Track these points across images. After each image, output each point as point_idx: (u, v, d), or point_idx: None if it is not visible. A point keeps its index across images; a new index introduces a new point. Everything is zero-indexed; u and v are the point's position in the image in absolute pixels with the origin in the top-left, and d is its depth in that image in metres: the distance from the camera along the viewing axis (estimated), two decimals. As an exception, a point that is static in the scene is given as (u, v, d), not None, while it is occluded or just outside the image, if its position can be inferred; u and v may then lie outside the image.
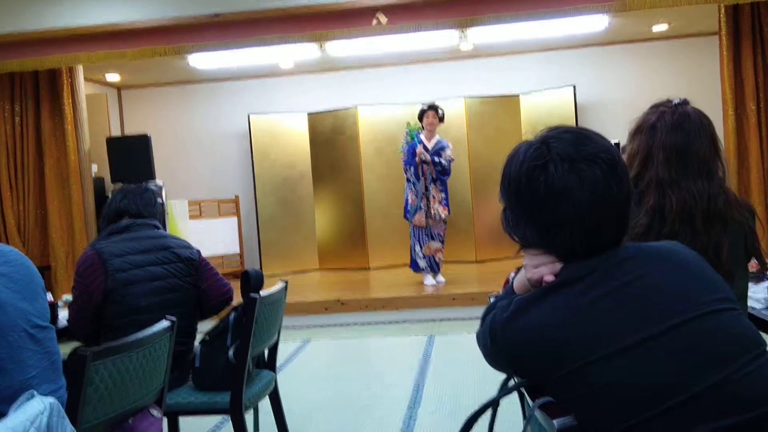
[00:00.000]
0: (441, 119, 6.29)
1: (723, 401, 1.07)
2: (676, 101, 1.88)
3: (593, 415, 1.09)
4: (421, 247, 6.25)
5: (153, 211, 2.74)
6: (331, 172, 7.95)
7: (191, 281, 2.67)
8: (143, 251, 2.57)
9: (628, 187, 1.22)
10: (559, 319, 1.14)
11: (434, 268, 6.30)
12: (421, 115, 6.26)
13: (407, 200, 6.30)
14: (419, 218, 6.19)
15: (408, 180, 6.29)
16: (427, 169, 6.19)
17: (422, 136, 6.27)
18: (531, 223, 1.22)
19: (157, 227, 2.72)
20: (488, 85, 7.88)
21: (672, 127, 1.81)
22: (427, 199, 6.21)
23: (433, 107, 6.25)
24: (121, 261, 2.51)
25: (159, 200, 2.80)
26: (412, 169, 6.21)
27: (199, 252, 2.76)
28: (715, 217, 1.74)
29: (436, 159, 6.16)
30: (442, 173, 6.22)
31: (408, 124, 6.45)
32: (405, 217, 6.34)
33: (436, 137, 6.28)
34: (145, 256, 2.57)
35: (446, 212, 6.30)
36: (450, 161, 6.24)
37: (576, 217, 1.17)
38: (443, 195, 6.28)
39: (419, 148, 6.14)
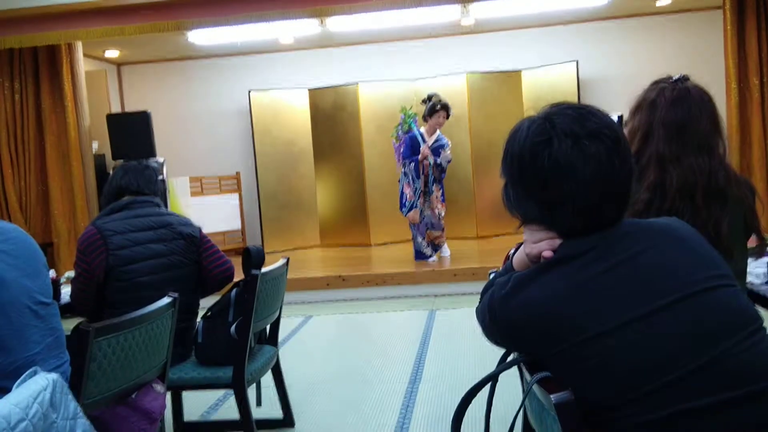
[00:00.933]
0: (448, 118, 6.21)
1: (721, 376, 1.08)
2: (676, 77, 1.87)
3: (591, 390, 1.10)
4: (423, 237, 6.29)
5: (154, 188, 2.75)
6: (332, 148, 7.93)
7: (192, 258, 2.68)
8: (144, 228, 2.58)
9: (630, 164, 1.22)
10: (557, 296, 1.15)
11: (435, 248, 6.37)
12: (432, 110, 6.09)
13: (403, 194, 6.24)
14: (414, 215, 6.16)
15: (405, 174, 6.20)
16: (429, 167, 6.15)
17: (423, 131, 6.21)
18: (532, 199, 1.22)
19: (158, 205, 2.73)
20: (490, 60, 7.82)
21: (672, 103, 1.81)
22: (427, 199, 6.20)
23: (446, 107, 6.10)
24: (121, 238, 2.52)
25: (160, 177, 2.81)
26: (413, 165, 6.13)
27: (200, 229, 2.76)
28: (716, 193, 1.74)
29: (439, 160, 6.13)
30: (441, 172, 6.23)
31: (403, 108, 6.35)
32: (401, 210, 6.30)
33: (437, 133, 6.21)
34: (146, 233, 2.58)
35: (444, 209, 6.34)
36: (449, 161, 6.21)
37: (578, 194, 1.17)
38: (441, 191, 6.30)
39: (425, 149, 6.06)
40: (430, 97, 6.19)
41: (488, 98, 7.62)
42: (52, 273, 2.72)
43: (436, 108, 6.09)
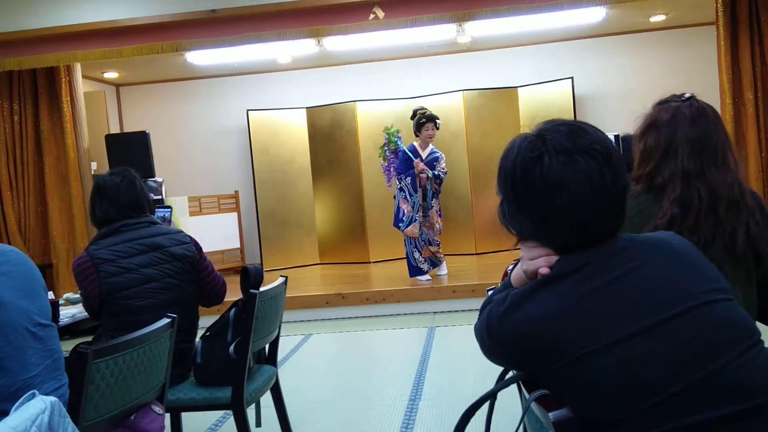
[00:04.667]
0: (437, 128, 6.20)
1: (718, 391, 1.08)
2: (687, 95, 1.91)
3: (589, 407, 1.10)
4: (420, 253, 6.21)
5: (139, 206, 2.65)
6: (331, 166, 7.96)
7: (188, 278, 2.66)
8: (134, 254, 2.55)
9: (623, 179, 1.23)
10: (553, 312, 1.15)
11: (436, 263, 6.29)
12: (419, 125, 6.12)
13: (399, 210, 6.18)
14: (413, 229, 6.10)
15: (401, 189, 6.16)
16: (427, 181, 6.14)
17: (416, 145, 6.22)
18: (526, 215, 1.23)
19: (152, 223, 2.67)
20: (486, 78, 7.87)
21: (692, 120, 1.86)
22: (427, 214, 6.17)
23: (431, 119, 6.11)
24: (112, 266, 2.51)
25: (138, 184, 2.70)
26: (410, 180, 6.10)
27: (197, 248, 2.72)
28: (733, 203, 1.78)
29: (437, 173, 6.12)
30: (439, 185, 6.20)
31: (386, 128, 6.25)
32: (396, 226, 6.22)
33: (430, 146, 6.21)
34: (138, 258, 2.55)
35: (441, 223, 6.30)
36: (445, 172, 6.20)
37: (571, 209, 1.18)
38: (439, 205, 6.28)
39: (418, 163, 6.05)
40: (415, 113, 6.21)
41: (485, 115, 7.66)
42: (50, 295, 2.72)
43: (421, 121, 6.11)
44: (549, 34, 7.46)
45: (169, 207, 3.27)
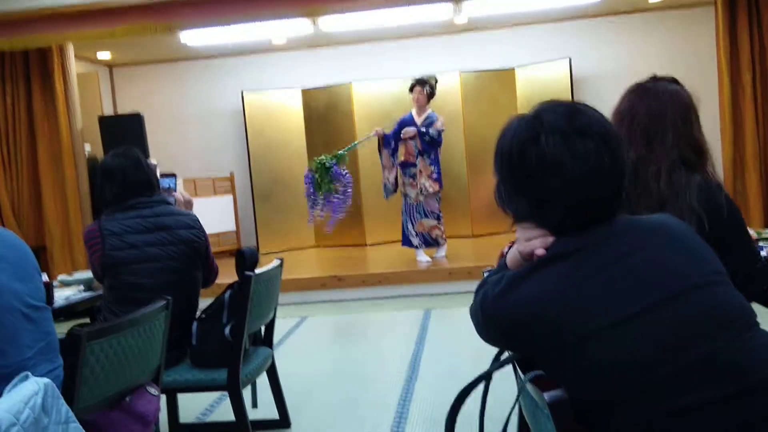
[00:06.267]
0: (430, 95, 6.11)
1: (714, 373, 1.07)
2: (655, 75, 1.92)
3: (584, 389, 1.10)
4: (413, 225, 6.14)
5: (150, 183, 2.65)
6: (326, 148, 7.87)
7: (191, 264, 2.66)
8: (142, 231, 2.56)
9: (622, 160, 1.22)
10: (549, 294, 1.14)
11: (429, 243, 6.21)
12: (411, 90, 6.14)
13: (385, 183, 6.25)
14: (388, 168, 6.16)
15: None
16: (413, 144, 6.09)
17: (413, 113, 6.18)
18: (523, 197, 1.22)
19: (165, 203, 2.67)
20: (483, 58, 7.82)
21: (625, 95, 1.90)
22: (411, 174, 6.13)
23: (421, 82, 6.08)
24: (117, 240, 2.52)
25: (144, 161, 2.66)
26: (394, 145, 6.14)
27: (203, 234, 2.71)
28: (641, 184, 1.77)
29: (423, 130, 6.04)
30: (430, 144, 6.05)
31: (321, 160, 5.83)
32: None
33: (428, 111, 6.14)
34: (144, 236, 2.56)
35: (437, 186, 6.09)
36: (440, 131, 6.06)
37: (567, 190, 1.16)
38: (433, 168, 6.09)
39: (408, 132, 6.03)
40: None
41: (482, 96, 7.62)
42: (44, 277, 2.72)
43: (412, 85, 6.11)
44: (546, 14, 7.40)
45: (173, 175, 3.24)
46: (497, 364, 1.27)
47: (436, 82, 6.20)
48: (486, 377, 1.25)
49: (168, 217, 2.64)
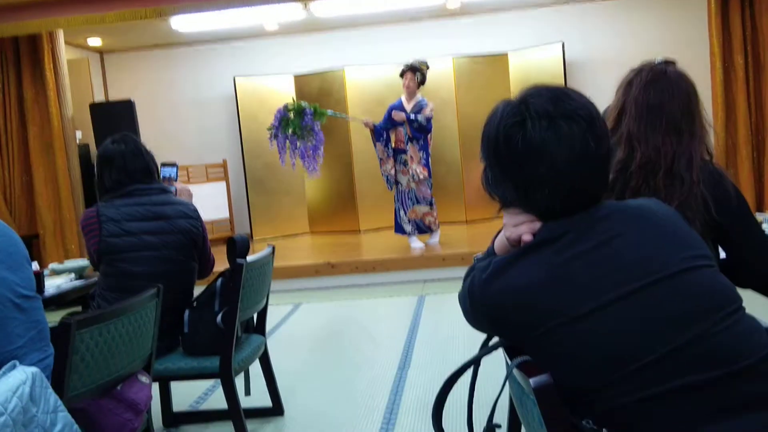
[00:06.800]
0: (421, 82, 6.07)
1: (699, 356, 1.08)
2: (659, 60, 1.88)
3: (569, 374, 1.10)
4: (405, 212, 6.14)
5: (149, 170, 2.65)
6: (320, 134, 7.88)
7: (187, 253, 2.65)
8: (140, 218, 2.56)
9: (607, 145, 1.22)
10: (535, 280, 1.14)
11: (423, 229, 6.21)
12: (402, 76, 6.09)
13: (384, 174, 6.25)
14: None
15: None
16: (402, 131, 6.07)
17: (403, 99, 6.15)
18: (509, 182, 1.22)
19: (163, 191, 2.67)
20: (476, 43, 7.79)
21: (646, 84, 1.83)
22: (401, 160, 6.11)
23: (412, 68, 6.03)
24: (114, 226, 2.52)
25: (143, 148, 2.66)
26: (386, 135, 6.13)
27: (201, 225, 2.71)
28: (674, 174, 1.75)
29: (412, 116, 6.02)
30: (419, 130, 6.04)
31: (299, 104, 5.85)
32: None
33: (417, 97, 6.11)
34: (142, 223, 2.56)
35: (426, 173, 6.10)
36: (428, 118, 6.05)
37: (554, 175, 1.16)
38: (422, 154, 6.10)
39: (399, 114, 6.01)
40: None
41: (475, 81, 7.60)
42: (35, 266, 2.71)
43: (403, 71, 6.06)
44: (539, -2, 7.37)
45: (174, 164, 3.22)
46: (485, 349, 1.27)
47: (428, 68, 6.15)
48: (474, 363, 1.26)
49: (167, 206, 2.63)
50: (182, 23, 6.88)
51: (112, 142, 2.66)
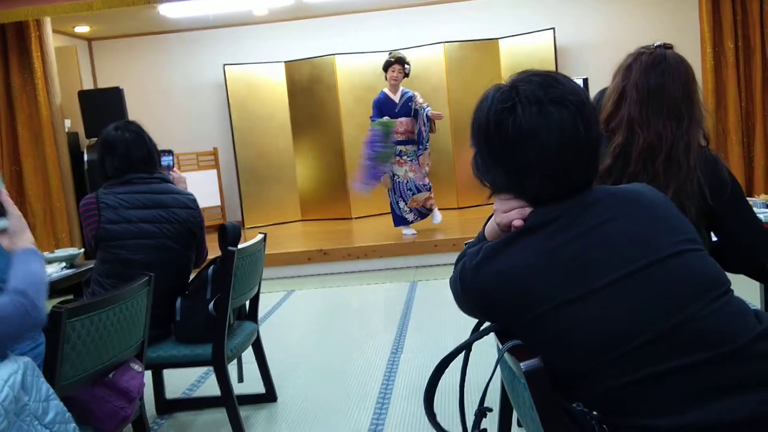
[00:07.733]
0: (407, 74, 6.05)
1: (688, 339, 1.09)
2: (657, 44, 1.87)
3: (560, 358, 1.11)
4: (405, 202, 6.12)
5: (151, 159, 2.65)
6: (311, 121, 7.86)
7: (184, 243, 2.65)
8: (138, 206, 2.56)
9: (597, 130, 1.22)
10: (525, 265, 1.15)
11: (425, 214, 6.17)
12: (386, 66, 6.02)
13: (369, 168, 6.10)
14: (386, 179, 6.06)
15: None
16: (424, 124, 6.02)
17: (386, 92, 6.12)
18: (499, 167, 1.22)
19: (164, 180, 2.66)
20: (467, 29, 7.76)
21: (646, 68, 1.82)
22: (415, 158, 6.08)
23: (399, 60, 5.99)
24: (113, 213, 2.52)
25: (146, 136, 2.67)
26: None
27: (200, 215, 2.70)
28: (672, 159, 1.75)
29: (426, 112, 5.99)
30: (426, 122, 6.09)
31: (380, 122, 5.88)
32: (362, 185, 6.09)
33: (401, 89, 6.09)
34: (140, 211, 2.55)
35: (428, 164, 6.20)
36: (428, 106, 6.08)
37: (544, 160, 1.17)
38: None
39: (437, 115, 6.00)
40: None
41: (466, 67, 7.58)
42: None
43: (389, 62, 6.00)
44: (530, -17, 7.34)
45: (170, 151, 3.20)
46: (477, 334, 1.28)
47: (408, 62, 6.11)
48: (465, 348, 1.26)
49: (166, 195, 2.63)
50: (170, 9, 6.81)
51: (116, 129, 2.65)
